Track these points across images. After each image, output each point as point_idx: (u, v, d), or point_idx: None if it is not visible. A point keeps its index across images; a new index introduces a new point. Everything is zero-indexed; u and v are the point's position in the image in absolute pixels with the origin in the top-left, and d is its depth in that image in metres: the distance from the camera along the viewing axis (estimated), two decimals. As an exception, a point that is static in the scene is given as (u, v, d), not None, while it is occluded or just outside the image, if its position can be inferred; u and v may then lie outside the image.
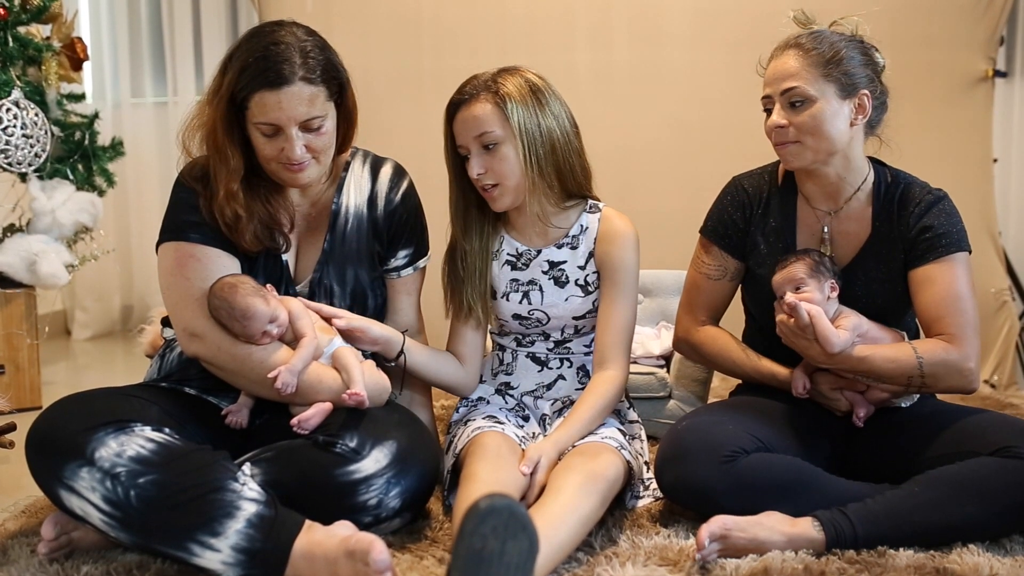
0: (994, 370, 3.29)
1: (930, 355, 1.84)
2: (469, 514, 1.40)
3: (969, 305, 1.89)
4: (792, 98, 1.91)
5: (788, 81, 1.91)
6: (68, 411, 1.73)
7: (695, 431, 1.87)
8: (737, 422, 1.88)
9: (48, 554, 1.73)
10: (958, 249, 1.91)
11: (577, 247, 2.10)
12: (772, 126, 1.94)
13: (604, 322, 2.07)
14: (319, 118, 1.85)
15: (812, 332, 1.83)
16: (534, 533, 1.43)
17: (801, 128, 1.90)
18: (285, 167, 1.88)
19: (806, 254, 1.96)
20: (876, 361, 1.85)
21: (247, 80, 1.81)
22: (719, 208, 2.11)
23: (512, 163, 1.98)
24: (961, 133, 3.32)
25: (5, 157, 3.01)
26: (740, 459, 1.79)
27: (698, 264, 2.13)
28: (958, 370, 1.85)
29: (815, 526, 1.72)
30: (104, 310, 4.62)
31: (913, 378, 1.85)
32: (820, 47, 1.92)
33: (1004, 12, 3.27)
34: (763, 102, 1.98)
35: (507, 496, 1.43)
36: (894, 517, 1.72)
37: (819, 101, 1.89)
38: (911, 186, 1.99)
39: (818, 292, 1.91)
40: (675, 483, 1.85)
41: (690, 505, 1.87)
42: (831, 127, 1.90)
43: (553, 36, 3.43)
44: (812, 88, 1.89)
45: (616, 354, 2.05)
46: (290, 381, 1.80)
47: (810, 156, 1.93)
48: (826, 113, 1.90)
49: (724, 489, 1.77)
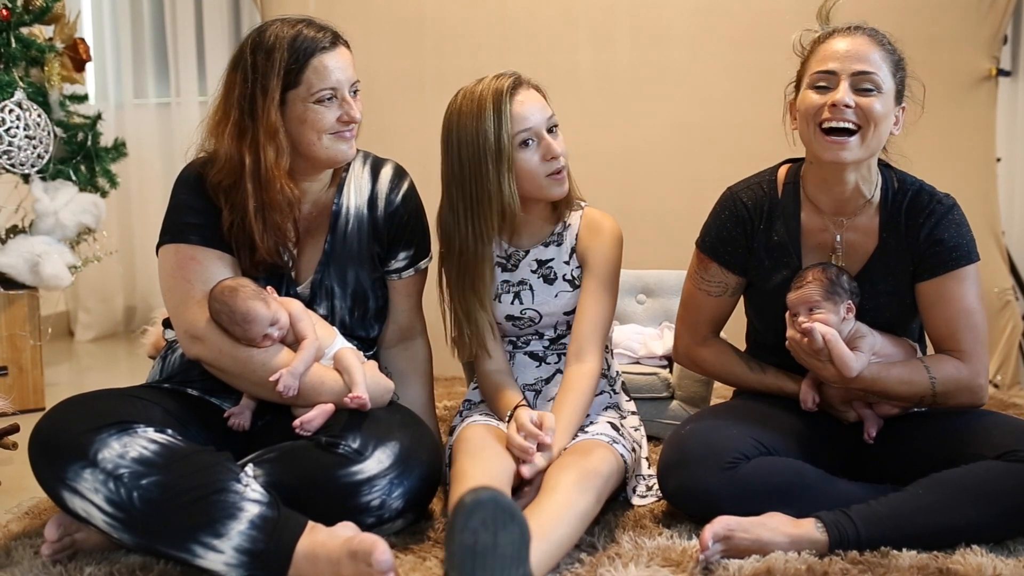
0: (997, 370, 3.28)
1: (943, 375, 1.84)
2: (456, 511, 1.42)
3: (980, 319, 1.87)
4: (865, 83, 1.78)
5: (866, 64, 1.78)
6: (71, 412, 1.73)
7: (697, 436, 1.86)
8: (740, 426, 1.87)
9: (51, 555, 1.73)
10: (968, 261, 1.86)
11: (562, 243, 2.11)
12: (839, 102, 1.77)
13: (582, 313, 2.06)
14: (358, 82, 1.94)
15: (827, 355, 1.80)
16: (523, 521, 1.44)
17: (868, 114, 1.77)
18: (339, 136, 1.91)
19: (823, 272, 1.87)
20: (890, 383, 1.84)
21: (300, 50, 1.85)
22: (717, 224, 2.01)
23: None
24: (964, 132, 3.31)
25: (8, 158, 3.02)
26: (742, 465, 1.79)
27: (696, 280, 2.05)
28: (969, 388, 1.85)
29: (818, 527, 1.72)
30: (107, 311, 4.63)
31: (925, 398, 1.85)
32: (891, 46, 1.84)
33: (1008, 11, 3.26)
34: (817, 76, 1.82)
35: (491, 488, 1.44)
36: (897, 519, 1.72)
37: (886, 95, 1.80)
38: (919, 193, 1.91)
39: (833, 315, 1.84)
40: (678, 490, 1.84)
41: (694, 511, 1.86)
42: (885, 127, 1.82)
43: (555, 36, 3.43)
44: (885, 81, 1.80)
45: (592, 346, 2.04)
46: (292, 384, 1.80)
47: (860, 152, 1.80)
48: (887, 109, 1.81)
49: (727, 496, 1.77)
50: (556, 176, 2.00)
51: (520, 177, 1.99)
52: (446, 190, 2.05)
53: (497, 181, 1.96)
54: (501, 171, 1.96)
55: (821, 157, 1.84)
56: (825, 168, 1.88)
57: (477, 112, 1.96)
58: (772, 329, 1.97)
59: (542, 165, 1.98)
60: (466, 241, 2.03)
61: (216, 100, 1.93)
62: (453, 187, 2.02)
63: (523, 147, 1.97)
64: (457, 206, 2.02)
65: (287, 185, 1.89)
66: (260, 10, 3.55)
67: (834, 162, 1.82)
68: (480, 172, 1.97)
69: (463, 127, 1.98)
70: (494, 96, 1.95)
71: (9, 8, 3.05)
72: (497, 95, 1.95)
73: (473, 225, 2.01)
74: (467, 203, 2.01)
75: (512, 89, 1.97)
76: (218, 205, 1.91)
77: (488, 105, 1.95)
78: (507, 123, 1.95)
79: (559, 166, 2.00)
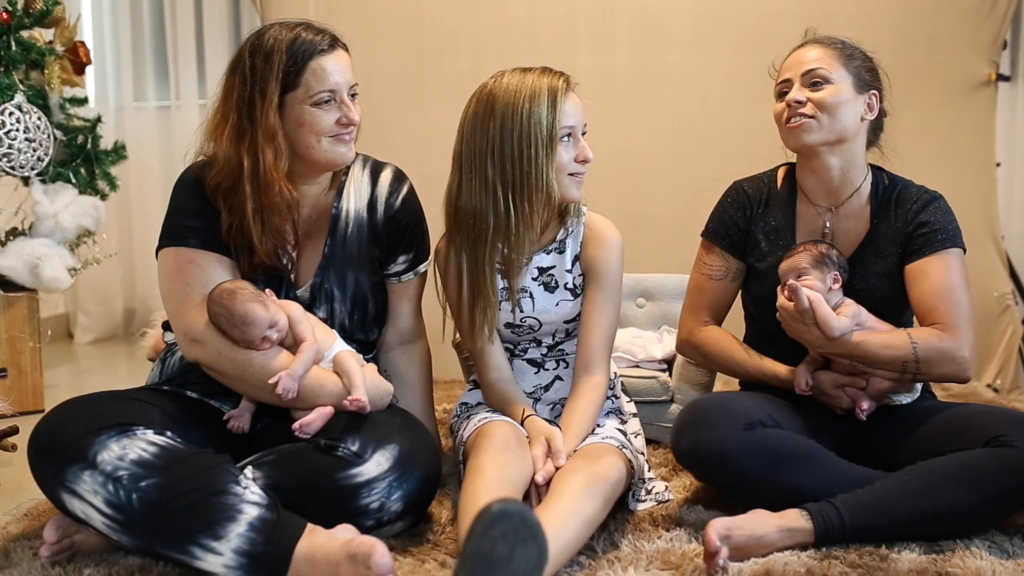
0: (997, 374, 3.28)
1: (924, 341, 1.87)
2: (481, 516, 1.41)
3: (963, 297, 1.92)
4: (813, 78, 1.98)
5: (811, 63, 1.99)
6: (70, 414, 1.73)
7: (715, 401, 1.94)
8: (754, 401, 1.94)
9: (50, 557, 1.73)
10: (953, 245, 1.97)
11: (564, 251, 2.10)
12: (790, 100, 1.99)
13: (588, 326, 2.07)
14: (357, 85, 1.94)
15: (812, 317, 1.87)
16: (544, 543, 1.43)
17: (820, 104, 1.97)
18: (338, 139, 1.91)
19: (814, 244, 2.00)
20: (872, 346, 1.88)
21: (299, 53, 1.86)
22: (720, 210, 2.16)
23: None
24: (964, 137, 3.32)
25: (8, 161, 3.02)
26: (759, 428, 1.85)
27: (700, 266, 2.17)
28: (951, 358, 1.87)
29: (803, 516, 1.75)
30: (106, 313, 4.63)
31: (908, 363, 1.87)
32: (840, 44, 2.02)
33: (1007, 16, 3.27)
34: (779, 87, 2.05)
35: (520, 503, 1.44)
36: (882, 505, 1.75)
37: (838, 84, 1.98)
38: (908, 187, 2.06)
39: (820, 282, 1.94)
40: (694, 447, 1.87)
41: (706, 469, 1.90)
42: (845, 112, 1.98)
43: (555, 39, 3.43)
44: (833, 72, 1.98)
45: (600, 358, 2.06)
46: (291, 387, 1.80)
47: (821, 135, 1.98)
48: (844, 95, 1.98)
49: (745, 450, 1.81)
50: (577, 178, 2.02)
51: None
52: (475, 167, 1.99)
53: (545, 167, 1.96)
54: (548, 159, 1.97)
55: (790, 146, 2.04)
56: (805, 157, 2.05)
57: (531, 95, 1.96)
58: (767, 314, 2.02)
59: (571, 164, 2.01)
60: (505, 220, 1.98)
61: (215, 103, 1.93)
62: (489, 165, 1.97)
63: (561, 142, 1.99)
64: (494, 186, 1.98)
65: (285, 187, 1.89)
66: (260, 13, 3.56)
67: (802, 146, 2.01)
68: (529, 155, 1.96)
69: (514, 105, 1.96)
70: (550, 87, 1.98)
71: (9, 11, 3.05)
72: (553, 86, 1.98)
73: (516, 206, 1.98)
74: (508, 184, 1.97)
75: (567, 86, 2.01)
76: (217, 208, 1.91)
77: (544, 92, 1.97)
78: (559, 115, 1.97)
79: (585, 170, 2.03)
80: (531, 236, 2.01)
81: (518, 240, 2.00)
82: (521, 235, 2.00)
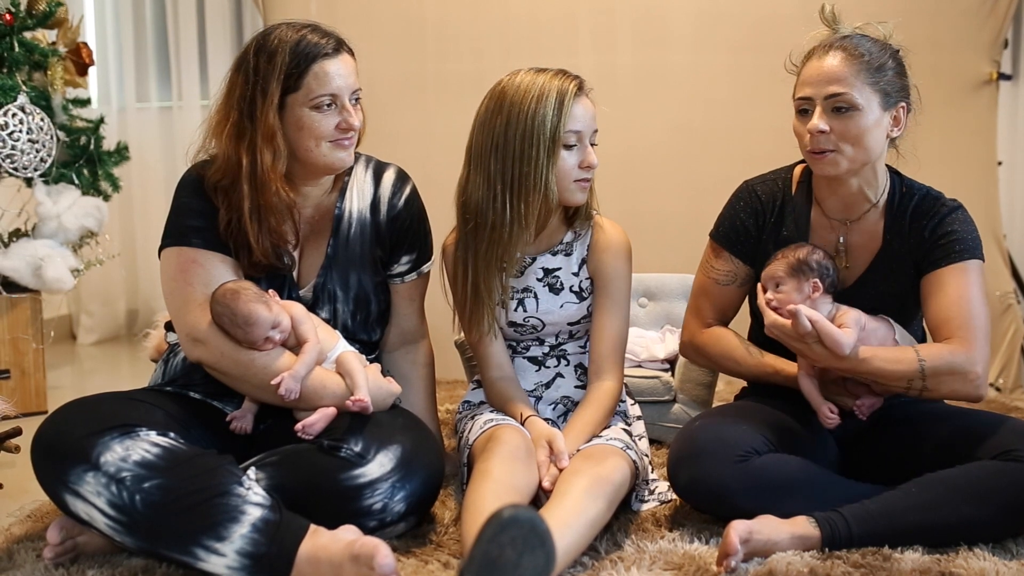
0: (999, 373, 3.28)
1: (933, 357, 1.79)
2: (491, 520, 1.41)
3: (980, 311, 1.84)
4: (838, 104, 1.83)
5: (836, 85, 1.83)
6: (73, 416, 1.73)
7: (708, 431, 1.87)
8: (748, 423, 1.89)
9: (54, 559, 1.73)
10: (972, 256, 1.87)
11: (571, 254, 2.10)
12: (813, 130, 1.84)
13: (599, 332, 2.07)
14: (360, 90, 1.93)
15: (815, 338, 1.78)
16: (552, 551, 1.43)
17: (843, 136, 1.84)
18: (338, 144, 1.91)
19: (794, 250, 1.91)
20: (877, 362, 1.80)
21: (302, 55, 1.85)
22: (731, 213, 2.07)
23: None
24: (965, 136, 3.31)
25: (11, 162, 3.02)
26: (753, 459, 1.80)
27: (707, 268, 2.09)
28: (963, 373, 1.78)
29: (811, 523, 1.74)
30: (109, 314, 4.63)
31: (914, 380, 1.80)
32: (868, 53, 1.85)
33: (1008, 15, 3.26)
34: (798, 102, 1.90)
35: (531, 509, 1.44)
36: (890, 517, 1.73)
37: (864, 110, 1.83)
38: (925, 198, 1.94)
39: (796, 292, 1.86)
40: (691, 484, 1.85)
41: (706, 505, 1.87)
42: (871, 138, 1.85)
43: (556, 40, 3.43)
44: (860, 97, 1.82)
45: (612, 364, 2.07)
46: (293, 387, 1.80)
47: (845, 166, 1.87)
48: (869, 123, 1.84)
49: (740, 488, 1.78)
50: (583, 183, 2.02)
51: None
52: (480, 163, 2.00)
53: (545, 168, 1.96)
54: (549, 161, 1.96)
55: (815, 171, 1.94)
56: (826, 178, 1.95)
57: (539, 96, 1.96)
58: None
59: (575, 170, 1.99)
60: (501, 217, 1.99)
61: (218, 100, 1.94)
62: (492, 161, 1.98)
63: (566, 147, 1.98)
64: (495, 182, 1.98)
65: (282, 189, 1.89)
66: (262, 14, 3.56)
67: (826, 177, 1.92)
68: (529, 155, 1.96)
69: (521, 103, 1.96)
70: (559, 89, 1.97)
71: (12, 12, 3.05)
72: (563, 89, 1.97)
73: (512, 205, 1.98)
74: (507, 182, 1.97)
75: (578, 90, 2.00)
76: (218, 206, 1.91)
77: (552, 93, 1.96)
78: (565, 117, 1.96)
79: (590, 176, 2.02)
80: (525, 236, 2.01)
81: (511, 238, 2.00)
82: (514, 234, 1.99)
